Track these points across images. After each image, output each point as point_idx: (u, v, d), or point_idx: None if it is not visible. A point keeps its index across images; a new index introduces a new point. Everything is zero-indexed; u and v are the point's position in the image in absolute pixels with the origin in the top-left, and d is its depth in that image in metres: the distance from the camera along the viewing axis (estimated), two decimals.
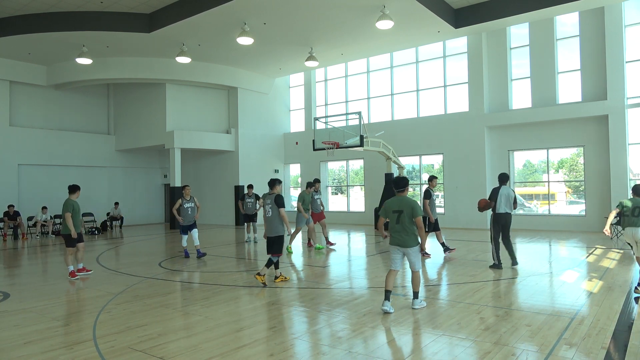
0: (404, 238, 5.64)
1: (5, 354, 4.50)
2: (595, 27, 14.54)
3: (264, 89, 21.13)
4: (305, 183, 21.17)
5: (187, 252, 10.76)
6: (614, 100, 13.98)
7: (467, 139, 16.74)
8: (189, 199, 10.77)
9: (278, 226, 7.53)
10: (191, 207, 10.72)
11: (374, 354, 4.31)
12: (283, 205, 7.46)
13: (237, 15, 13.62)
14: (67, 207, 8.36)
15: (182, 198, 10.74)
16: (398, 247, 5.71)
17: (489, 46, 16.59)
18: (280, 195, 7.60)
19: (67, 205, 8.38)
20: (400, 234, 5.66)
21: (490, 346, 4.40)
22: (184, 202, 10.67)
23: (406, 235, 5.64)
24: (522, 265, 8.90)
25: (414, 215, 5.60)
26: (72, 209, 8.38)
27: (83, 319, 5.69)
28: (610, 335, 4.63)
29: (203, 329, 5.15)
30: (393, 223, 5.72)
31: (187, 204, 10.68)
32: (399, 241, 5.67)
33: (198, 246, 10.69)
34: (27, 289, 7.62)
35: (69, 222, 8.32)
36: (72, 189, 8.70)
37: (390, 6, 13.05)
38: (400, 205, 5.68)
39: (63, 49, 16.28)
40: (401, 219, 5.63)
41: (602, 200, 14.36)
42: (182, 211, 10.62)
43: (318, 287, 7.33)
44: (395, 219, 5.69)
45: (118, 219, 19.48)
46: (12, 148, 17.81)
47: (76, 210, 8.51)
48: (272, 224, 7.50)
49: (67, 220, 8.33)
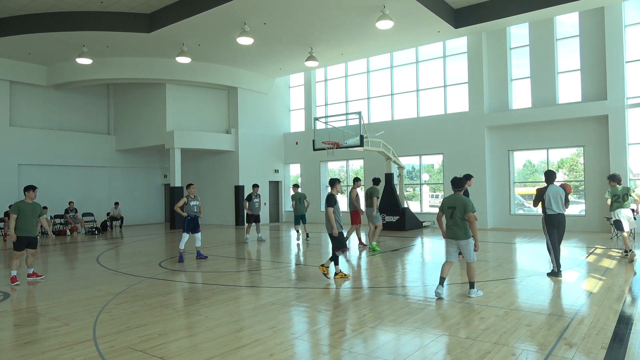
0: (456, 231, 6.24)
1: (5, 354, 4.50)
2: (595, 27, 14.54)
3: (264, 89, 21.13)
4: (304, 183, 21.26)
5: (182, 256, 10.13)
6: (614, 100, 13.98)
7: (467, 139, 16.75)
8: (193, 197, 10.48)
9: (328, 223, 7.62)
10: (197, 205, 10.46)
11: (374, 354, 4.31)
12: (331, 205, 7.53)
13: (237, 15, 13.62)
14: (13, 209, 8.13)
15: (187, 197, 10.43)
16: (452, 239, 6.33)
17: (489, 46, 16.59)
18: (332, 194, 7.68)
19: (14, 207, 8.14)
20: (453, 228, 6.27)
21: (490, 346, 4.40)
22: (189, 201, 10.37)
23: (458, 229, 6.23)
24: (522, 265, 8.91)
25: (465, 211, 6.15)
26: (17, 210, 8.04)
27: (83, 319, 5.69)
28: (610, 335, 4.63)
29: (203, 329, 5.15)
30: (448, 218, 6.34)
31: (192, 202, 10.40)
32: (453, 234, 6.30)
33: (199, 247, 10.51)
34: (27, 289, 7.62)
35: (11, 224, 8.04)
36: (25, 190, 8.32)
37: (390, 6, 13.05)
38: (455, 202, 6.29)
39: (63, 49, 16.28)
40: (454, 214, 6.24)
41: (602, 200, 14.31)
42: (187, 209, 10.33)
43: (318, 287, 7.33)
44: (449, 214, 6.31)
45: (118, 219, 19.49)
46: (12, 148, 17.81)
47: (24, 213, 8.05)
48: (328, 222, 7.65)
49: (10, 222, 8.06)
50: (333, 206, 7.56)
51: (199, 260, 10.33)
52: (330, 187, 7.89)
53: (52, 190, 18.80)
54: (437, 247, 12.14)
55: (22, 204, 8.13)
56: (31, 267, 8.40)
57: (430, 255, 10.74)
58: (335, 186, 7.81)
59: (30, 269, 8.39)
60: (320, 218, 20.70)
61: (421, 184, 18.48)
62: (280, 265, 9.60)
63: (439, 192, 18.51)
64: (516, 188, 16.70)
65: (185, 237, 10.27)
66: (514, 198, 16.51)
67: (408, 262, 9.76)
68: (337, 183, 7.87)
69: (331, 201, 7.57)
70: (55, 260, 11.24)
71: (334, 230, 7.54)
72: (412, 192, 18.61)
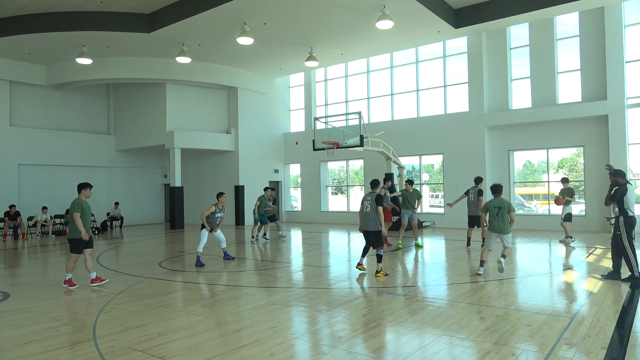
0: (502, 227, 7.68)
1: (5, 354, 4.50)
2: (595, 27, 14.54)
3: (264, 89, 21.13)
4: (304, 183, 21.27)
5: (201, 260, 9.55)
6: (614, 100, 13.98)
7: (467, 139, 16.75)
8: (221, 208, 9.84)
9: (373, 222, 7.91)
10: (221, 217, 9.83)
11: (374, 354, 4.31)
12: (381, 204, 7.94)
13: (237, 15, 13.62)
14: (74, 206, 7.43)
15: (216, 205, 9.77)
16: (497, 232, 7.72)
17: (489, 46, 16.59)
18: (381, 195, 8.09)
19: (75, 205, 7.45)
20: (500, 224, 7.68)
21: (490, 346, 4.40)
22: (216, 211, 9.73)
23: (503, 225, 7.68)
24: (522, 265, 8.90)
25: (509, 211, 7.69)
26: (80, 208, 7.43)
27: (83, 319, 5.69)
28: (610, 335, 4.63)
29: (203, 329, 5.15)
30: (493, 216, 7.74)
31: (219, 213, 9.78)
32: (499, 229, 7.69)
33: (225, 248, 10.19)
34: (27, 289, 7.61)
35: (77, 222, 7.36)
36: (80, 188, 7.72)
37: (390, 6, 13.04)
38: (501, 204, 7.74)
39: (63, 49, 16.28)
40: (500, 213, 7.68)
41: (602, 200, 14.29)
42: (211, 219, 9.70)
43: (318, 287, 7.33)
44: (495, 212, 7.72)
45: (118, 219, 19.49)
46: (12, 148, 17.81)
47: (85, 210, 7.52)
48: (367, 219, 8.00)
49: (76, 221, 7.36)
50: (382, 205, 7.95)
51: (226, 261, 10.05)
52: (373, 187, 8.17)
53: (52, 190, 18.81)
54: (437, 247, 12.14)
55: (84, 202, 7.54)
56: (93, 271, 7.77)
57: (430, 255, 10.74)
58: (378, 187, 8.23)
59: (93, 273, 7.75)
60: (319, 218, 20.72)
61: (421, 184, 18.47)
62: (280, 265, 9.60)
63: (438, 192, 18.49)
64: (516, 188, 16.70)
65: (205, 239, 9.72)
66: (514, 198, 16.51)
67: (408, 262, 9.76)
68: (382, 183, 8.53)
69: (381, 201, 7.97)
70: (55, 260, 11.24)
71: (383, 228, 7.95)
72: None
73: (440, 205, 17.96)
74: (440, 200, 18.09)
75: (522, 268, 8.57)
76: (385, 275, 7.94)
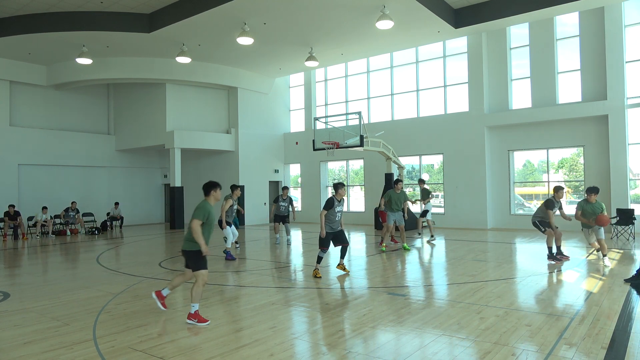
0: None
1: (5, 354, 4.50)
2: (595, 27, 14.54)
3: (264, 89, 21.13)
4: (304, 183, 21.26)
5: (231, 254, 10.19)
6: (614, 100, 13.98)
7: (467, 139, 16.75)
8: (236, 200, 10.40)
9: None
10: (236, 209, 10.55)
11: (374, 354, 4.31)
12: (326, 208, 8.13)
13: (237, 15, 13.62)
14: (198, 212, 5.39)
15: (232, 198, 10.24)
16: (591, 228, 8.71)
17: (489, 46, 16.59)
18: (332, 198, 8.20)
19: (200, 210, 5.40)
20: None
21: (490, 346, 4.40)
22: (233, 204, 10.26)
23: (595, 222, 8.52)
24: (522, 265, 8.90)
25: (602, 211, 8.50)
26: (205, 215, 5.39)
27: (83, 319, 5.69)
28: (610, 335, 4.63)
29: (203, 329, 5.15)
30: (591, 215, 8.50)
31: (235, 205, 10.48)
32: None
33: (229, 248, 10.43)
34: (27, 289, 7.62)
35: (196, 233, 5.29)
36: (208, 188, 5.66)
37: (390, 6, 13.04)
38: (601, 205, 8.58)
39: (63, 49, 16.28)
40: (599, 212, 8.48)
41: (602, 200, 14.23)
42: (230, 212, 10.22)
43: (318, 287, 7.33)
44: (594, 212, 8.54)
45: (118, 219, 19.48)
46: (12, 148, 17.80)
47: (211, 220, 5.44)
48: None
49: (195, 231, 5.29)
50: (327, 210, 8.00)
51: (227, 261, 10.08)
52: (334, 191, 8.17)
53: (52, 190, 18.79)
54: (436, 246, 12.13)
55: (211, 209, 5.47)
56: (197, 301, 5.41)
57: (430, 255, 10.74)
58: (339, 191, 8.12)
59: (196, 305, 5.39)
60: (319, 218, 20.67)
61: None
62: (280, 266, 9.60)
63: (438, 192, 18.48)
64: (516, 188, 16.69)
65: (231, 235, 10.22)
66: (514, 198, 16.51)
67: (408, 262, 9.76)
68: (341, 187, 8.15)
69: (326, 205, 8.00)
70: (55, 260, 11.24)
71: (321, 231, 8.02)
72: (412, 192, 18.56)
73: (440, 205, 17.94)
74: (440, 200, 18.05)
75: (522, 268, 8.57)
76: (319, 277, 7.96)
